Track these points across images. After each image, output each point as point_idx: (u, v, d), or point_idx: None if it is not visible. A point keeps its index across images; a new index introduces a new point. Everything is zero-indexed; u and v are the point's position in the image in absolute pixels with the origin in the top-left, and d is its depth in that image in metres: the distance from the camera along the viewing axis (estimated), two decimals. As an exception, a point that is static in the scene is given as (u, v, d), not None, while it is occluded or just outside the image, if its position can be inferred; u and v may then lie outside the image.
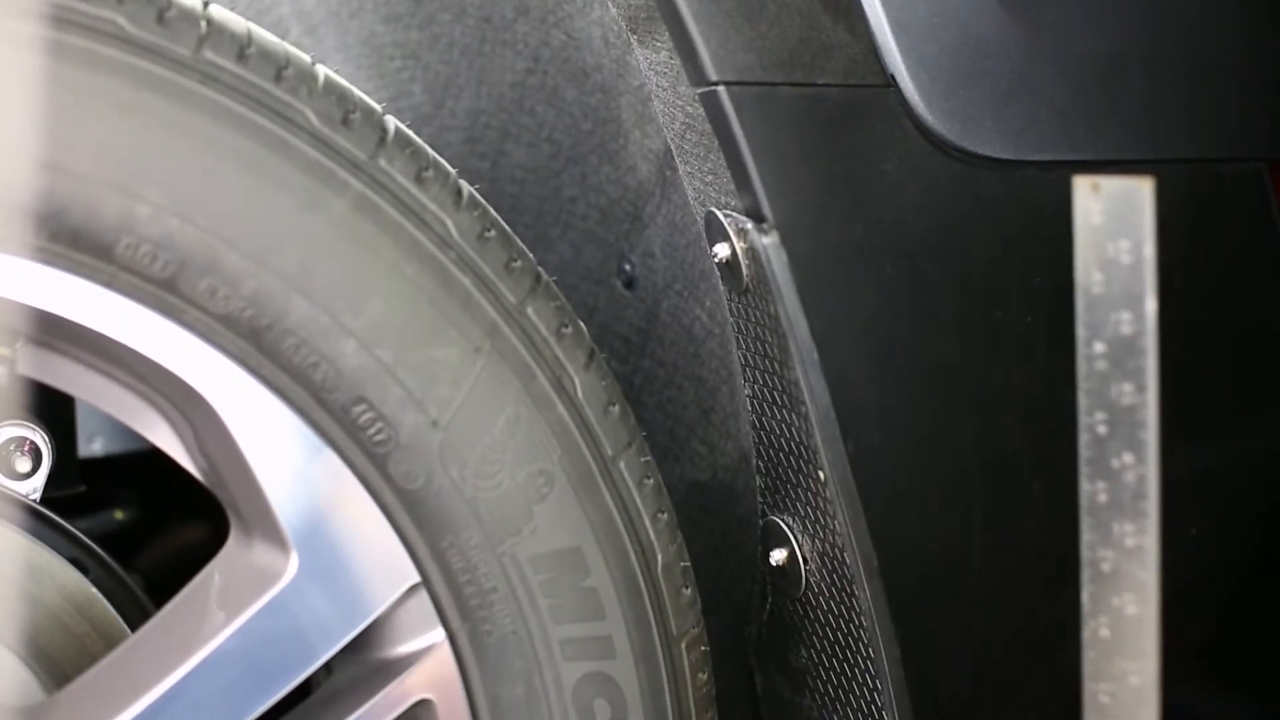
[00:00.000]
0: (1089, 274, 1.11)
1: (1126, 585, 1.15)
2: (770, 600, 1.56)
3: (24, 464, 1.53)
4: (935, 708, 1.48)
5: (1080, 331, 1.13)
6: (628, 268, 1.66)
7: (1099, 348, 1.12)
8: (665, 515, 1.42)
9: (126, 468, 2.03)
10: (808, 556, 1.50)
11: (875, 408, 1.47)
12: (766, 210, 1.43)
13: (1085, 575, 1.18)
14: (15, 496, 1.51)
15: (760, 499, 1.54)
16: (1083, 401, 1.14)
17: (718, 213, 1.47)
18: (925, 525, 1.44)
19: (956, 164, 1.47)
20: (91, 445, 1.98)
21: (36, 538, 1.51)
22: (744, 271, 1.46)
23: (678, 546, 1.43)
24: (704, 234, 1.50)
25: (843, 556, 1.46)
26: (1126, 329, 1.11)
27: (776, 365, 1.46)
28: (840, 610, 1.48)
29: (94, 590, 1.52)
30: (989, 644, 1.51)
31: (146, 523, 2.09)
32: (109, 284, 1.26)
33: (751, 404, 1.51)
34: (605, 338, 1.69)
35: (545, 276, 1.37)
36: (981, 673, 1.52)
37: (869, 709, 1.49)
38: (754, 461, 1.53)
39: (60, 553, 1.51)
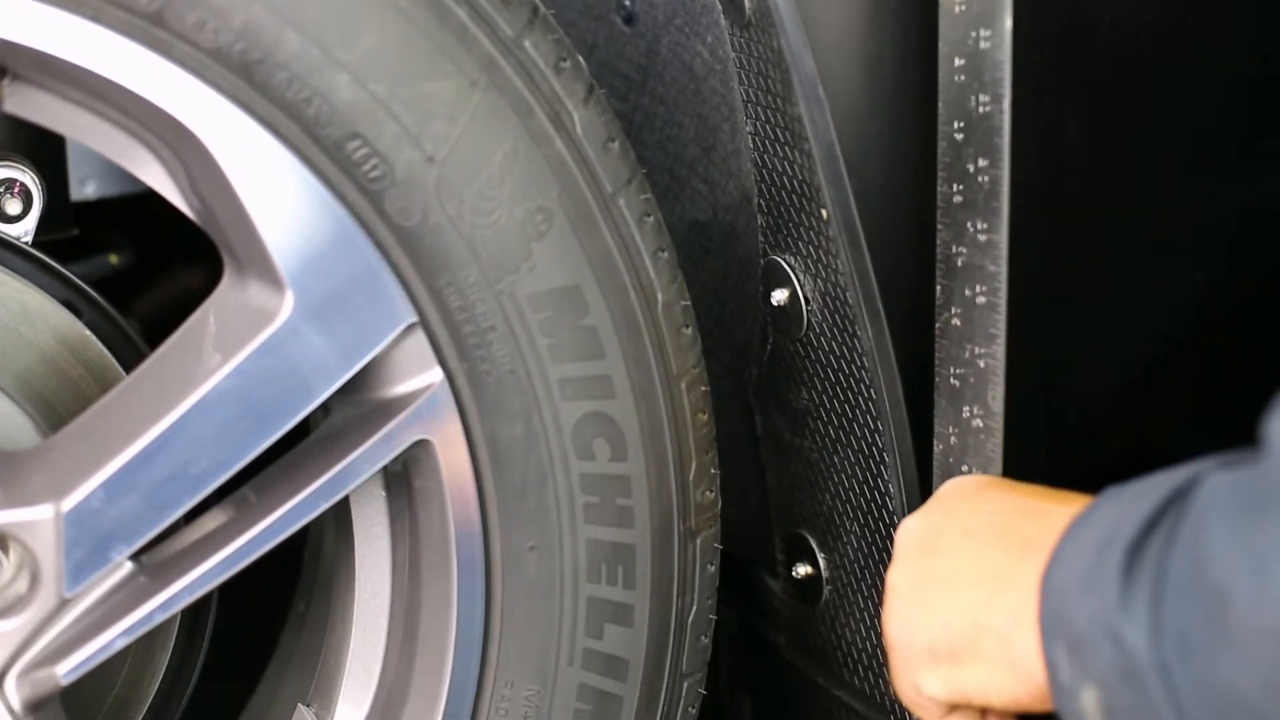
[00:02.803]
0: None
1: (979, 277, 1.24)
2: (771, 341, 1.56)
3: (14, 206, 1.52)
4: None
5: (941, 47, 1.24)
6: (627, 3, 1.64)
7: (958, 62, 1.22)
8: (665, 253, 1.40)
9: (121, 211, 2.02)
10: (809, 296, 1.50)
11: (879, 144, 1.45)
12: (769, -60, 1.40)
13: (939, 271, 1.29)
14: (6, 239, 1.50)
15: (762, 238, 1.53)
16: (941, 112, 1.26)
17: (719, -56, 1.45)
18: (930, 263, 1.42)
19: (964, -107, 1.44)
20: (84, 188, 1.97)
21: (29, 281, 1.50)
22: (746, 4, 1.44)
23: (678, 285, 1.42)
24: (705, -33, 1.48)
25: (845, 296, 1.45)
26: (985, 44, 1.21)
27: (779, 101, 1.45)
28: (842, 351, 1.48)
29: (88, 333, 1.52)
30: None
31: (141, 266, 2.08)
32: (95, 18, 1.24)
33: (753, 141, 1.50)
34: (604, 75, 1.67)
35: (543, 9, 1.35)
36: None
37: (870, 450, 1.49)
38: (755, 200, 1.52)
39: (54, 296, 1.51)
